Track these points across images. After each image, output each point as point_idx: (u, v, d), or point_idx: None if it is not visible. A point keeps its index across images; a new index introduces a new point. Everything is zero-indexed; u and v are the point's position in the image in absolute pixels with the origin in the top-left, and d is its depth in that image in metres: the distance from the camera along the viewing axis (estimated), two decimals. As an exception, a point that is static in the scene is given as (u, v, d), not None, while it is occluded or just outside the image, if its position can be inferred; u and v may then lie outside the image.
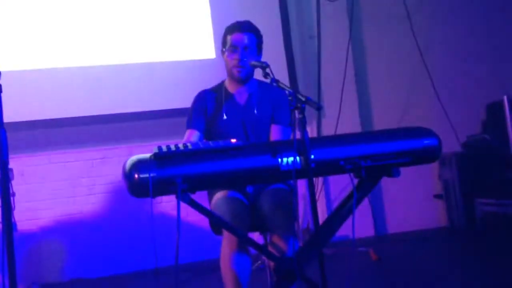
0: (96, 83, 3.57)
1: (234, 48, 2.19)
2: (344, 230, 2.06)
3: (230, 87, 2.28)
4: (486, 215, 3.88)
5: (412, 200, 4.18)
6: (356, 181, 1.87)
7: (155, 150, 1.65)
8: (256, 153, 1.75)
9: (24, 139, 3.50)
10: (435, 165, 4.13)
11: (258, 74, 2.25)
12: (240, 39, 2.18)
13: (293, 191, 2.27)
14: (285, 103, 1.81)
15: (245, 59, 2.16)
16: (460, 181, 4.02)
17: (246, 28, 2.21)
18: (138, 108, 3.63)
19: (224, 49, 2.24)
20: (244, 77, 2.20)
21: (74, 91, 3.52)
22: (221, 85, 2.31)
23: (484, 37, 4.39)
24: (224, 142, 1.75)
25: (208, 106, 2.26)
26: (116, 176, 1.79)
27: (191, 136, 2.24)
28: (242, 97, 2.27)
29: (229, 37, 2.22)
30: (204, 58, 3.81)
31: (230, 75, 2.24)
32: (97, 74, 3.59)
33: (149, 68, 3.70)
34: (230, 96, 2.27)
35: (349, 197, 1.93)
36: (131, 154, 1.75)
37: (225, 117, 2.23)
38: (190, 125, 2.27)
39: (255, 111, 2.24)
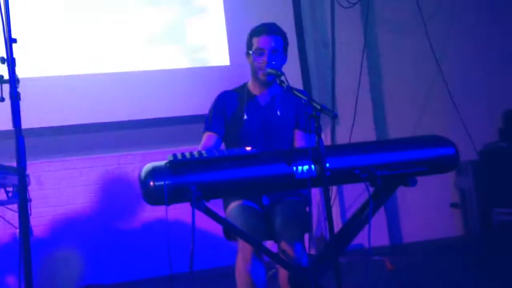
0: (112, 90, 3.60)
1: (261, 50, 2.17)
2: (359, 239, 2.03)
3: (253, 89, 2.26)
4: (503, 224, 3.81)
5: (428, 209, 4.13)
6: (372, 189, 1.86)
7: (170, 157, 1.66)
8: (271, 161, 1.75)
9: (40, 145, 3.53)
10: (451, 174, 4.07)
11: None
12: (268, 41, 2.17)
13: (307, 200, 2.26)
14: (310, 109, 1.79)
15: (273, 62, 2.14)
16: (476, 190, 3.96)
17: (273, 30, 2.20)
18: (153, 115, 3.65)
19: (250, 52, 2.22)
20: (270, 80, 2.17)
21: (91, 97, 3.55)
22: (243, 86, 2.29)
23: (501, 43, 4.34)
24: (239, 150, 1.76)
25: (228, 107, 2.24)
26: (132, 182, 1.81)
27: (209, 140, 2.22)
28: (264, 99, 2.25)
29: (255, 40, 2.20)
30: (219, 65, 3.82)
31: (256, 77, 2.22)
32: (112, 81, 3.62)
33: (165, 75, 3.72)
34: (252, 97, 2.25)
35: (365, 206, 1.92)
36: (145, 161, 1.76)
37: (245, 117, 2.21)
38: (208, 128, 2.25)
39: (278, 112, 2.22)
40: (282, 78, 2.04)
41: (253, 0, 3.88)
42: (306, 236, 2.19)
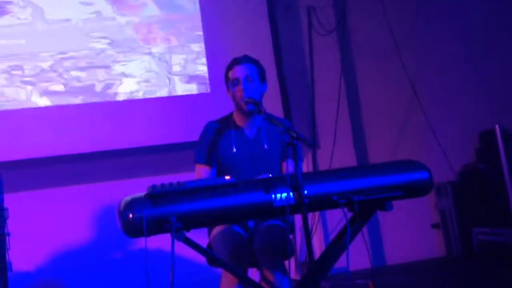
0: (91, 120, 3.59)
1: (236, 80, 2.22)
2: (342, 262, 2.05)
3: (238, 120, 2.28)
4: (483, 244, 3.87)
5: (410, 230, 4.17)
6: (350, 215, 1.89)
7: (150, 189, 1.67)
8: (249, 189, 1.77)
9: (20, 177, 3.50)
10: (431, 194, 4.13)
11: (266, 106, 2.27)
12: (240, 70, 2.22)
13: (288, 226, 2.27)
14: None
15: (249, 88, 2.19)
16: (456, 210, 4.02)
17: (243, 60, 2.26)
18: (134, 144, 3.64)
19: (228, 85, 2.27)
20: (251, 109, 2.19)
21: (70, 128, 3.54)
22: (228, 117, 2.32)
23: (474, 66, 4.46)
24: (217, 179, 1.77)
25: (216, 138, 2.26)
26: (112, 213, 1.81)
27: (203, 173, 2.24)
28: (251, 131, 2.27)
29: (230, 73, 2.26)
30: (199, 92, 3.85)
31: (239, 108, 2.25)
32: (91, 111, 3.61)
33: (144, 104, 3.73)
34: (239, 129, 2.27)
35: (344, 231, 1.94)
36: (126, 191, 1.76)
37: (234, 150, 2.23)
38: (200, 160, 2.26)
39: (265, 145, 2.24)
40: (260, 107, 2.08)
41: (233, 29, 3.95)
42: (291, 261, 2.19)
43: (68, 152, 3.52)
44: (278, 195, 1.75)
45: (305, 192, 1.75)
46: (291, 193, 1.76)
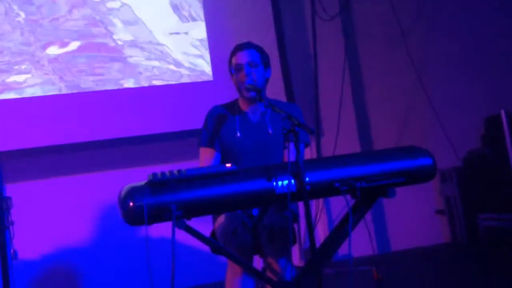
0: (94, 108, 3.60)
1: (239, 66, 2.21)
2: (347, 249, 2.04)
3: (243, 105, 2.28)
4: (489, 230, 3.85)
5: (414, 217, 4.16)
6: (352, 201, 1.87)
7: (150, 177, 1.66)
8: (251, 177, 1.75)
9: (25, 166, 3.51)
10: (436, 181, 4.12)
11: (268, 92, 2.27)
12: (243, 56, 2.21)
13: (292, 213, 2.26)
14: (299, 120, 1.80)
15: (252, 74, 2.17)
16: (461, 197, 4.00)
17: (246, 45, 2.25)
18: (137, 133, 3.65)
19: (231, 73, 2.27)
20: (253, 95, 2.19)
21: (74, 117, 3.55)
22: (234, 103, 2.31)
23: (479, 52, 4.41)
24: (218, 167, 1.76)
25: (221, 122, 2.26)
26: (114, 201, 1.81)
27: (208, 155, 2.24)
28: (255, 116, 2.27)
29: (233, 59, 2.25)
30: (201, 80, 3.83)
31: (241, 95, 2.25)
32: (94, 100, 3.61)
33: (146, 92, 3.72)
34: (243, 114, 2.27)
35: (346, 218, 1.93)
36: (131, 179, 1.76)
37: (238, 134, 2.23)
38: (204, 143, 2.26)
39: (270, 130, 2.24)
40: (262, 94, 2.07)
41: (235, 15, 3.92)
42: (295, 248, 2.19)
43: (70, 141, 3.53)
44: (280, 182, 1.74)
45: (307, 179, 1.74)
46: (292, 180, 1.75)
